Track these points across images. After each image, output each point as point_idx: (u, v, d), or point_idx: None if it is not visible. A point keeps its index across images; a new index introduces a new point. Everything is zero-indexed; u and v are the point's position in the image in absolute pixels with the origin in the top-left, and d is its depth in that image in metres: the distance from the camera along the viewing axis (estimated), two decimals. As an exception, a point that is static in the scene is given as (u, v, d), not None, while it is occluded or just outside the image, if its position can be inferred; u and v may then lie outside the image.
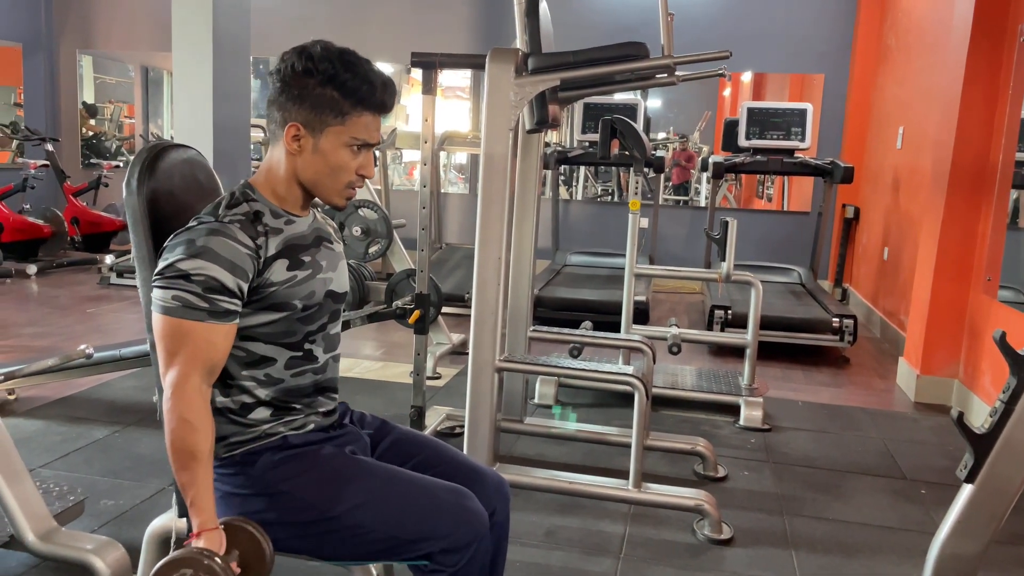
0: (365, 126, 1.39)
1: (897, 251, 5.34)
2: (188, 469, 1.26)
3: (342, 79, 1.35)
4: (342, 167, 1.39)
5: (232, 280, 1.31)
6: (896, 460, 3.24)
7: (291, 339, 1.42)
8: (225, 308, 1.30)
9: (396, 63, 7.41)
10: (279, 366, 1.42)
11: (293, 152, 1.39)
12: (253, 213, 1.38)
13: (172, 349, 1.29)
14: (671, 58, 2.35)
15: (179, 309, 1.28)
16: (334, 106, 1.35)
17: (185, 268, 1.29)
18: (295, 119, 1.36)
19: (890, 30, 6.17)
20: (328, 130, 1.37)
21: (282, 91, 1.37)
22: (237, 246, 1.32)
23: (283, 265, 1.38)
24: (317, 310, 1.44)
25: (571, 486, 2.57)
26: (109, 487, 2.63)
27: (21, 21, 7.74)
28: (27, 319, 4.89)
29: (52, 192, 7.39)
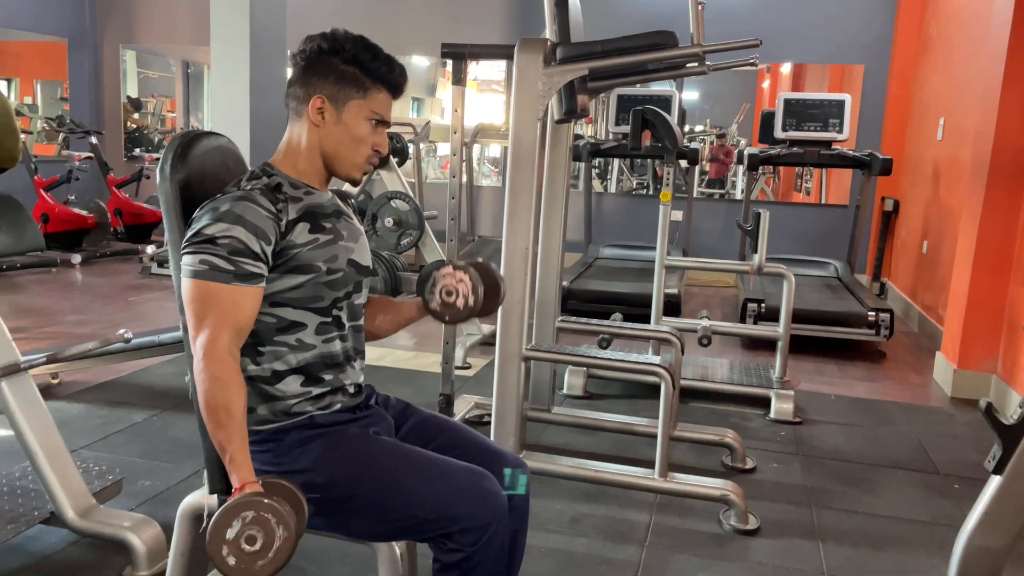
0: (382, 103, 1.50)
1: (936, 244, 5.24)
2: (224, 427, 1.30)
3: (364, 58, 1.47)
4: (362, 139, 1.48)
5: (256, 243, 1.36)
6: (929, 454, 3.19)
7: (319, 304, 1.47)
8: (250, 271, 1.36)
9: (429, 56, 7.46)
10: (310, 331, 1.46)
11: (317, 123, 1.47)
12: (274, 184, 1.45)
13: (201, 312, 1.34)
14: (700, 47, 2.34)
15: (206, 272, 1.33)
16: (356, 81, 1.46)
17: (211, 232, 1.35)
18: (320, 92, 1.46)
19: (931, 20, 6.04)
20: (351, 103, 1.47)
21: (306, 68, 1.46)
22: (260, 210, 1.38)
23: (305, 228, 1.44)
24: (342, 276, 1.48)
25: (596, 474, 2.58)
26: (146, 468, 2.71)
27: (67, 17, 7.92)
28: (70, 307, 5.03)
29: (96, 184, 7.57)
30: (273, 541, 1.23)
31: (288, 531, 1.23)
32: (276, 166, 1.50)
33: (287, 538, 1.23)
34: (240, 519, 1.23)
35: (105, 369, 3.68)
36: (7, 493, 2.23)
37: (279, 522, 1.23)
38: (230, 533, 1.24)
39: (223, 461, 1.32)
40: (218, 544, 1.24)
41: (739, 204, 6.89)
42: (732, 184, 7.37)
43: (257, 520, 1.23)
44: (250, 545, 1.23)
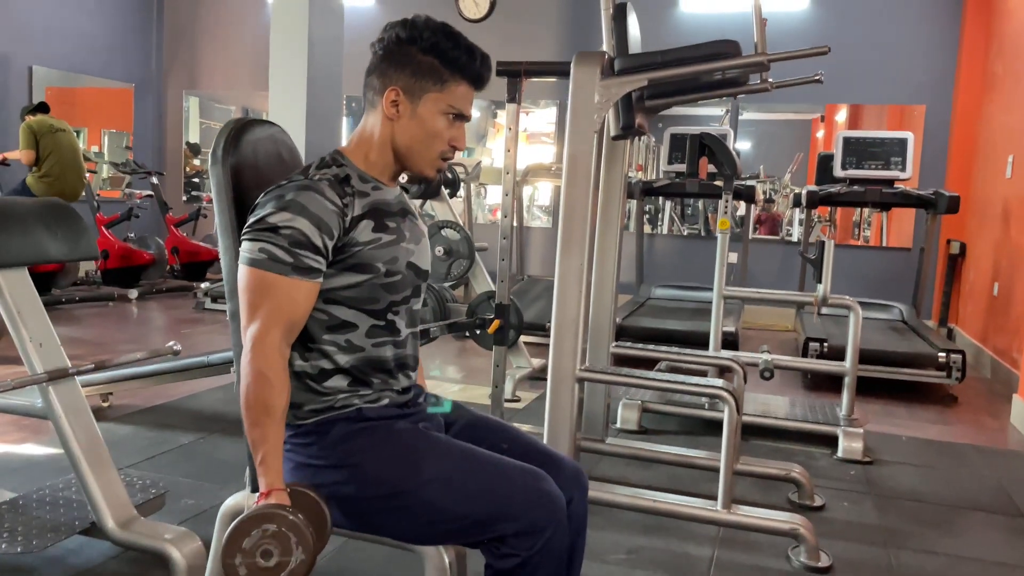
0: (462, 95, 1.41)
1: (1008, 285, 5.01)
2: (260, 425, 1.24)
3: (443, 47, 1.38)
4: (437, 134, 1.41)
5: (318, 236, 1.31)
6: (1012, 497, 2.97)
7: (374, 306, 1.40)
8: (309, 265, 1.30)
9: (481, 104, 7.52)
10: (360, 333, 1.39)
11: (391, 116, 1.40)
12: (343, 176, 1.39)
13: (255, 302, 1.29)
14: (764, 55, 2.26)
15: (265, 261, 1.28)
16: (434, 73, 1.38)
17: (274, 221, 1.29)
18: (395, 84, 1.39)
19: (996, 58, 5.89)
20: (427, 96, 1.39)
21: (384, 58, 1.40)
22: (325, 202, 1.32)
23: (368, 226, 1.37)
24: (400, 279, 1.41)
25: (655, 504, 2.44)
26: (191, 487, 2.65)
27: (134, 64, 8.24)
28: (125, 337, 5.08)
29: (155, 222, 7.75)
30: (288, 563, 1.17)
31: (306, 553, 1.17)
32: (347, 156, 1.44)
33: (303, 562, 1.17)
34: (261, 530, 1.18)
35: (155, 393, 3.67)
36: (49, 503, 2.19)
37: (299, 543, 1.17)
38: (247, 543, 1.18)
39: (254, 460, 1.25)
40: (232, 551, 1.18)
41: (795, 246, 6.73)
42: (787, 232, 7.21)
43: (277, 536, 1.17)
44: (265, 560, 1.18)
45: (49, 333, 2.05)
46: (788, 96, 6.75)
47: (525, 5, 7.30)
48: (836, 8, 6.64)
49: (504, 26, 7.26)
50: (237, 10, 8.18)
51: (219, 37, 8.31)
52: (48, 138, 6.08)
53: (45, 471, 2.71)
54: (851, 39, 6.54)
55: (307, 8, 5.01)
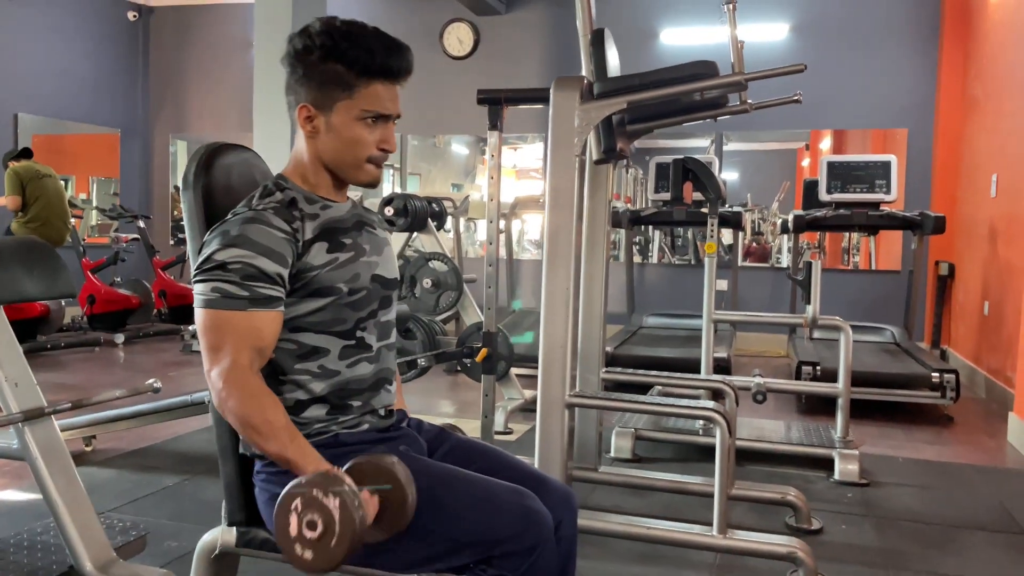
0: (376, 96, 1.33)
1: (999, 304, 5.00)
2: (272, 437, 1.20)
3: (341, 49, 1.30)
4: (359, 142, 1.35)
5: (271, 265, 1.27)
6: (1013, 515, 2.92)
7: (342, 327, 1.36)
8: (266, 295, 1.26)
9: (469, 139, 7.56)
10: (333, 356, 1.36)
11: (310, 135, 1.36)
12: (288, 200, 1.35)
13: (216, 343, 1.24)
14: (741, 75, 2.27)
15: (219, 300, 1.24)
16: (339, 80, 1.31)
17: (222, 258, 1.25)
18: (304, 100, 1.34)
19: (975, 79, 5.97)
20: (337, 106, 1.33)
21: (290, 74, 1.35)
22: (273, 231, 1.28)
23: (322, 248, 1.34)
24: (365, 295, 1.38)
25: (649, 532, 2.38)
26: (174, 530, 2.59)
27: (120, 109, 8.27)
28: (111, 381, 5.01)
29: (142, 266, 7.71)
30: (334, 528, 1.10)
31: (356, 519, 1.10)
32: (289, 178, 1.40)
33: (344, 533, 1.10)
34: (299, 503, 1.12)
35: (139, 436, 3.61)
36: (27, 548, 2.12)
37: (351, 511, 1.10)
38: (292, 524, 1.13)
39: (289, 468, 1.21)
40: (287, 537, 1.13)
41: (784, 271, 6.73)
42: (777, 260, 7.21)
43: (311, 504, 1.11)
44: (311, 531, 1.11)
45: (25, 372, 2.00)
46: (772, 123, 6.81)
47: (509, 43, 7.38)
48: (816, 36, 6.73)
49: (488, 63, 7.33)
50: (222, 53, 8.24)
51: (205, 80, 8.36)
52: (35, 184, 6.07)
53: (26, 516, 2.63)
54: (832, 66, 6.62)
55: (291, 48, 5.06)
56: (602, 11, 2.93)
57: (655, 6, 7.04)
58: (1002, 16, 5.32)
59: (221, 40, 8.25)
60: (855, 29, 6.64)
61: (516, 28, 7.38)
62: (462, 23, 7.32)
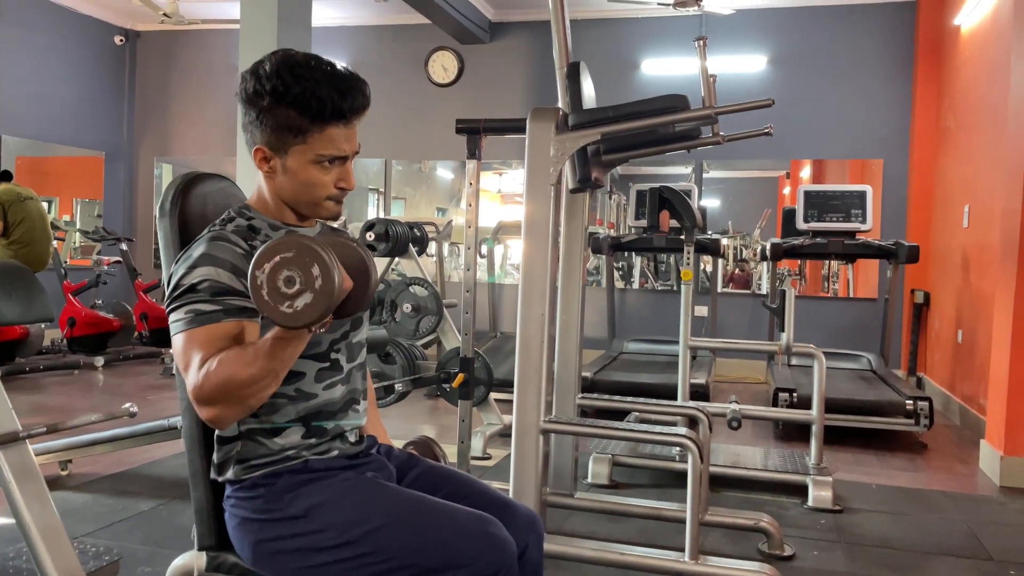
0: (330, 140, 1.31)
1: (972, 332, 5.08)
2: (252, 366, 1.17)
3: (292, 95, 1.27)
4: (316, 184, 1.34)
5: (236, 280, 1.27)
6: (981, 541, 2.96)
7: (316, 350, 1.38)
8: (238, 305, 1.27)
9: (453, 163, 7.63)
10: (309, 379, 1.38)
11: (267, 174, 1.37)
12: (248, 225, 1.37)
13: (190, 353, 1.23)
14: (712, 108, 2.33)
15: (192, 320, 1.25)
16: (291, 125, 1.29)
17: (189, 281, 1.26)
18: (259, 142, 1.33)
19: (948, 112, 6.10)
20: (292, 150, 1.32)
21: (244, 113, 1.34)
22: (236, 248, 1.30)
23: None
24: None
25: (622, 558, 2.41)
26: (148, 555, 2.58)
27: (104, 132, 8.28)
28: (89, 405, 4.99)
29: (124, 289, 7.69)
30: (314, 280, 1.10)
31: (324, 270, 1.10)
32: (253, 207, 1.41)
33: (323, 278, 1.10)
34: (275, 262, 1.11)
35: (115, 460, 3.60)
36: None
37: (315, 263, 1.10)
38: (262, 273, 1.11)
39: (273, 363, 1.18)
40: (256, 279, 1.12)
41: (763, 298, 6.81)
42: (758, 286, 7.29)
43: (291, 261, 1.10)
44: (288, 287, 1.10)
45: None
46: (753, 153, 6.93)
47: (492, 71, 7.48)
48: (793, 68, 6.86)
49: (472, 90, 7.42)
50: (208, 78, 8.29)
51: (190, 104, 8.39)
52: (17, 207, 6.06)
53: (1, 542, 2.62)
54: (810, 97, 6.75)
55: (275, 74, 5.10)
56: (584, 41, 3.01)
57: (637, 37, 7.16)
58: (972, 51, 5.46)
59: (207, 65, 8.30)
60: (832, 62, 6.78)
61: (499, 57, 7.48)
62: (447, 51, 7.41)
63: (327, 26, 7.56)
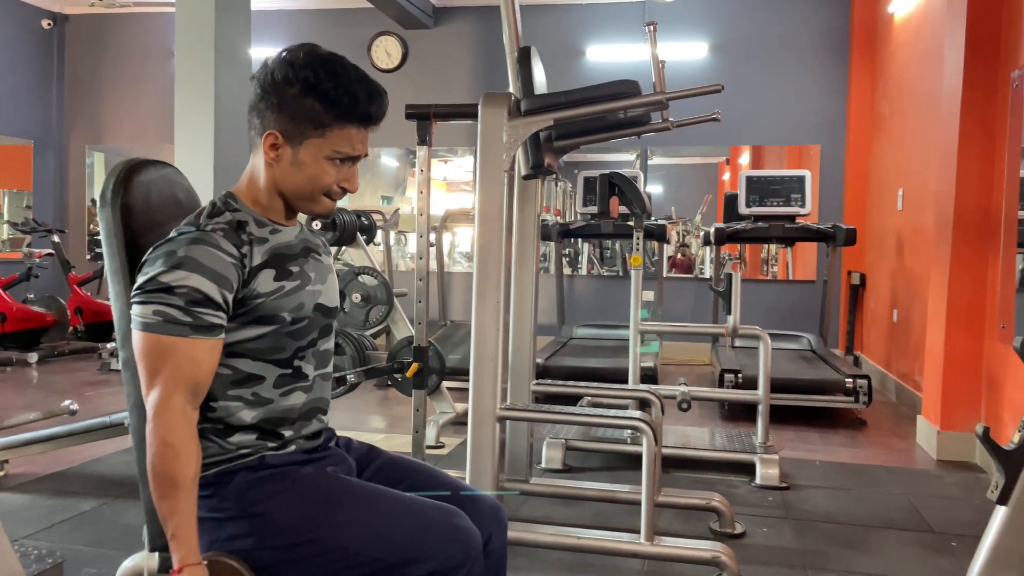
0: (348, 139, 1.31)
1: (906, 312, 5.25)
2: (169, 498, 1.17)
3: (324, 89, 1.27)
4: (321, 178, 1.33)
5: (217, 291, 1.24)
6: (922, 514, 3.07)
7: (280, 355, 1.34)
8: (210, 322, 1.23)
9: (399, 151, 7.55)
10: (268, 385, 1.34)
11: (271, 161, 1.33)
12: (236, 222, 1.32)
13: (153, 367, 1.21)
14: (663, 94, 2.34)
15: (160, 325, 1.21)
16: (314, 118, 1.28)
17: (166, 280, 1.22)
18: (273, 127, 1.30)
19: (882, 98, 6.27)
20: (308, 142, 1.30)
21: (261, 97, 1.31)
22: (221, 255, 1.25)
23: (269, 275, 1.31)
24: (307, 324, 1.36)
25: (579, 542, 2.42)
26: (92, 556, 2.50)
27: (33, 119, 7.96)
28: (23, 403, 4.80)
29: (57, 282, 7.42)
30: None
31: None
32: (239, 198, 1.37)
33: None
34: None
35: (55, 459, 3.47)
36: (-68, 581, 2.02)
37: None
38: None
39: (166, 535, 1.19)
40: None
41: (708, 282, 6.92)
42: (700, 271, 7.41)
43: None
44: None
45: (-69, 396, 1.92)
46: (694, 139, 7.01)
47: (437, 56, 7.41)
48: (734, 55, 6.96)
49: (417, 76, 7.34)
50: (141, 62, 8.02)
51: (123, 91, 8.11)
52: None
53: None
54: (749, 84, 6.86)
55: (213, 60, 4.95)
56: (529, 27, 3.00)
57: (581, 24, 7.17)
58: (905, 37, 5.61)
59: (141, 50, 8.03)
60: (770, 49, 6.90)
61: (444, 42, 7.41)
62: (390, 36, 7.31)
63: (266, 9, 7.38)
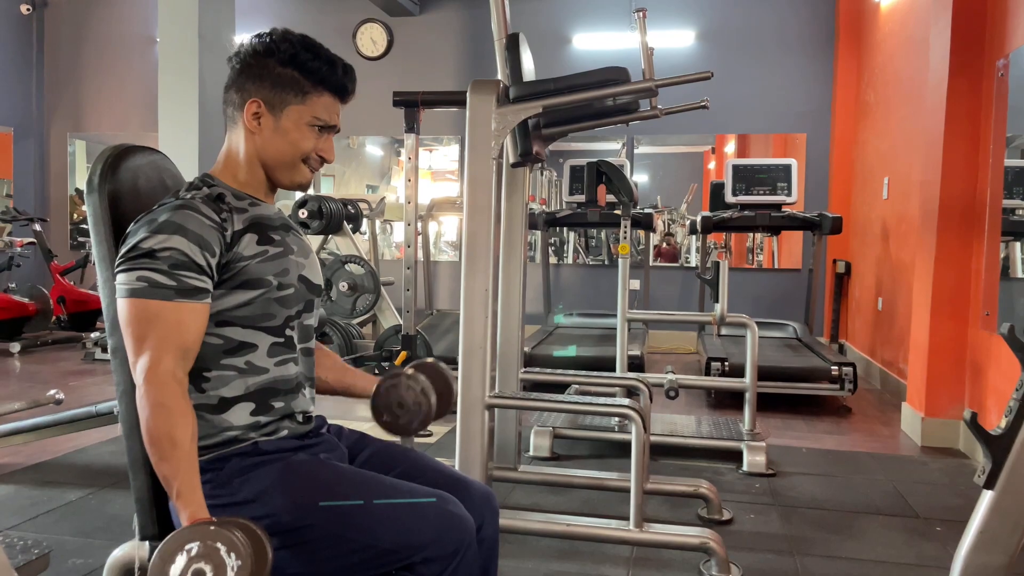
0: (326, 107, 1.38)
1: (891, 300, 5.29)
2: (169, 459, 1.16)
3: (302, 59, 1.35)
4: (302, 143, 1.38)
5: (200, 254, 1.25)
6: (907, 500, 3.10)
7: (271, 323, 1.35)
8: (194, 285, 1.24)
9: (384, 140, 7.51)
10: (261, 353, 1.34)
11: (253, 130, 1.37)
12: (215, 195, 1.34)
13: (140, 333, 1.21)
14: (652, 80, 2.34)
15: (145, 289, 1.22)
16: (295, 85, 1.35)
17: (149, 245, 1.23)
18: (255, 96, 1.36)
19: (868, 87, 6.29)
20: (289, 108, 1.36)
21: (241, 72, 1.37)
22: (202, 219, 1.28)
23: (252, 239, 1.33)
24: (293, 293, 1.37)
25: (568, 528, 2.43)
26: (79, 546, 2.48)
27: (12, 106, 7.85)
28: (6, 393, 4.76)
29: (39, 271, 7.34)
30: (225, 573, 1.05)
31: (242, 559, 1.04)
32: (216, 177, 1.40)
33: (242, 568, 1.04)
34: (185, 552, 1.05)
35: (39, 449, 3.44)
36: (-84, 573, 2.00)
37: (231, 551, 1.04)
38: (174, 570, 1.05)
39: (170, 497, 1.17)
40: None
41: (694, 271, 6.94)
42: (686, 260, 7.43)
43: (204, 553, 1.05)
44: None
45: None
46: (680, 128, 7.02)
47: (422, 44, 7.36)
48: (720, 44, 6.96)
49: (402, 64, 7.29)
50: (123, 49, 7.92)
51: (105, 77, 8.02)
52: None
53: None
54: (735, 73, 6.86)
55: (196, 46, 4.90)
56: (515, 15, 2.97)
57: (567, 12, 7.14)
58: (891, 27, 5.63)
59: (121, 36, 7.93)
60: (756, 38, 6.90)
61: (430, 29, 7.37)
62: (375, 24, 7.25)
63: (249, -4, 7.30)
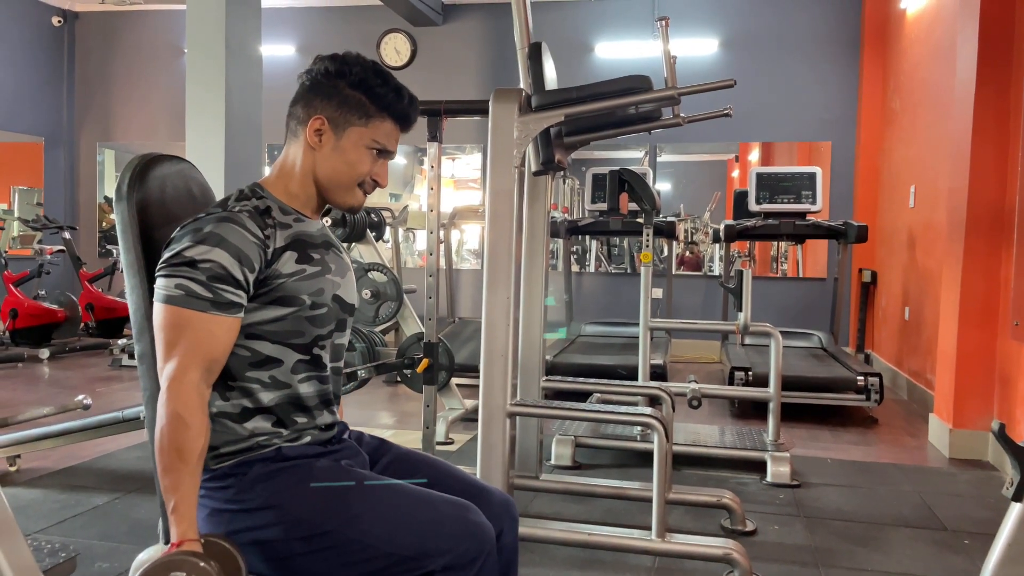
0: (386, 133, 1.41)
1: (918, 309, 5.23)
2: (173, 471, 1.18)
3: (371, 83, 1.38)
4: (359, 165, 1.40)
5: (239, 269, 1.27)
6: (935, 512, 3.05)
7: (299, 340, 1.36)
8: (229, 299, 1.26)
9: (407, 149, 7.55)
10: (285, 368, 1.35)
11: (313, 146, 1.39)
12: (263, 208, 1.36)
13: (172, 339, 1.24)
14: (675, 89, 2.33)
15: (182, 298, 1.24)
16: (360, 108, 1.38)
17: (191, 255, 1.25)
18: (320, 113, 1.38)
19: (894, 94, 6.23)
20: (351, 129, 1.39)
21: (310, 88, 1.40)
22: (246, 234, 1.29)
23: (292, 257, 1.35)
24: (326, 313, 1.39)
25: (590, 538, 2.42)
26: (106, 550, 2.51)
27: (43, 116, 7.99)
28: (35, 398, 4.83)
29: (68, 278, 7.46)
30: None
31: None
32: (267, 188, 1.41)
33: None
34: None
35: (67, 454, 3.49)
36: (-53, 574, 2.03)
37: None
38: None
39: (166, 509, 1.19)
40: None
41: (717, 280, 6.90)
42: (709, 268, 7.38)
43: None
44: None
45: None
46: (704, 136, 6.99)
47: (445, 53, 7.40)
48: (744, 51, 6.93)
49: (425, 73, 7.34)
50: (152, 60, 8.05)
51: (133, 88, 8.14)
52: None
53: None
54: (759, 80, 6.82)
55: (223, 57, 4.96)
56: (537, 24, 2.99)
57: (590, 20, 7.15)
58: (917, 33, 5.58)
59: (151, 47, 8.05)
60: (781, 45, 6.87)
61: (453, 39, 7.41)
62: (399, 34, 7.31)
63: (276, 7, 7.40)
